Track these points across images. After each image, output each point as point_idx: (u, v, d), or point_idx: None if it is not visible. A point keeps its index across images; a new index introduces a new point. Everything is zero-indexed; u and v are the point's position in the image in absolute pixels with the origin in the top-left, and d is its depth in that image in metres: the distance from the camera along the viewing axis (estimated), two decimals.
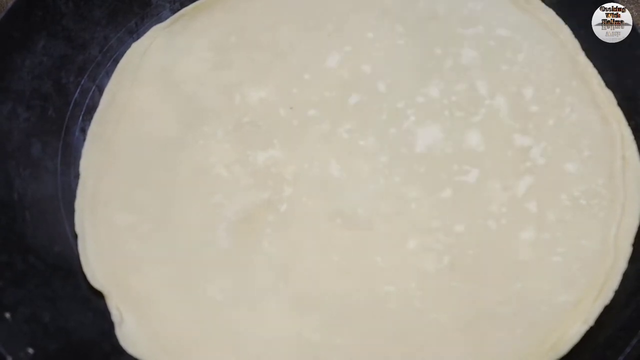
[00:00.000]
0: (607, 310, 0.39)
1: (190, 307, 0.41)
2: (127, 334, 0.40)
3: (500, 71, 0.46)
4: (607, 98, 0.45)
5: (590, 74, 0.46)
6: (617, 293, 0.40)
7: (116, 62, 0.48)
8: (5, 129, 0.44)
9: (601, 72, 0.46)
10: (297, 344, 0.40)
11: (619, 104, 0.45)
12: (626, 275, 0.40)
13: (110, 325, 0.40)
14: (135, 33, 0.49)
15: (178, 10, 0.49)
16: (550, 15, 0.48)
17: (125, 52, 0.48)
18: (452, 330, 0.40)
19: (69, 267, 0.42)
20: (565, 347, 0.39)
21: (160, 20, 0.49)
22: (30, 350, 0.38)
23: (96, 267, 0.42)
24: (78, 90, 0.47)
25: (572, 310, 0.40)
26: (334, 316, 0.41)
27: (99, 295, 0.41)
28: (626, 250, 0.41)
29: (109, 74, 0.48)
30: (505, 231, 0.42)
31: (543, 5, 0.48)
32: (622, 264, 0.41)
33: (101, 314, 0.41)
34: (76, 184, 0.44)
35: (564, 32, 0.47)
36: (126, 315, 0.41)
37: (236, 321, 0.40)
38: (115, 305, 0.41)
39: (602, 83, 0.46)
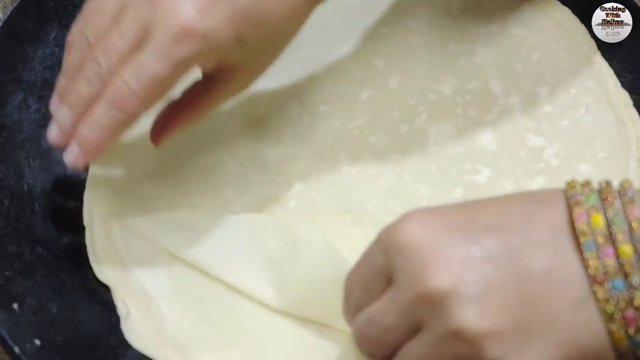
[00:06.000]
0: None
1: (196, 302, 0.41)
2: (133, 328, 0.40)
3: (514, 70, 0.46)
4: (622, 99, 0.45)
5: (606, 75, 0.45)
6: None
7: None
8: (15, 119, 0.44)
9: (617, 73, 0.45)
10: (304, 342, 0.39)
11: (635, 106, 0.44)
12: None
13: (117, 318, 0.40)
14: None
15: None
16: (566, 14, 0.47)
17: None
18: None
19: (76, 259, 0.42)
20: None
21: None
22: (37, 342, 0.38)
23: (103, 261, 0.42)
24: None
25: None
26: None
27: (106, 289, 0.41)
28: None
29: None
30: None
31: (559, 3, 0.48)
32: None
33: (108, 307, 0.41)
34: (85, 176, 0.44)
35: (580, 32, 0.47)
36: (132, 309, 0.40)
37: (243, 317, 0.40)
38: (122, 299, 0.41)
39: (618, 84, 0.45)
